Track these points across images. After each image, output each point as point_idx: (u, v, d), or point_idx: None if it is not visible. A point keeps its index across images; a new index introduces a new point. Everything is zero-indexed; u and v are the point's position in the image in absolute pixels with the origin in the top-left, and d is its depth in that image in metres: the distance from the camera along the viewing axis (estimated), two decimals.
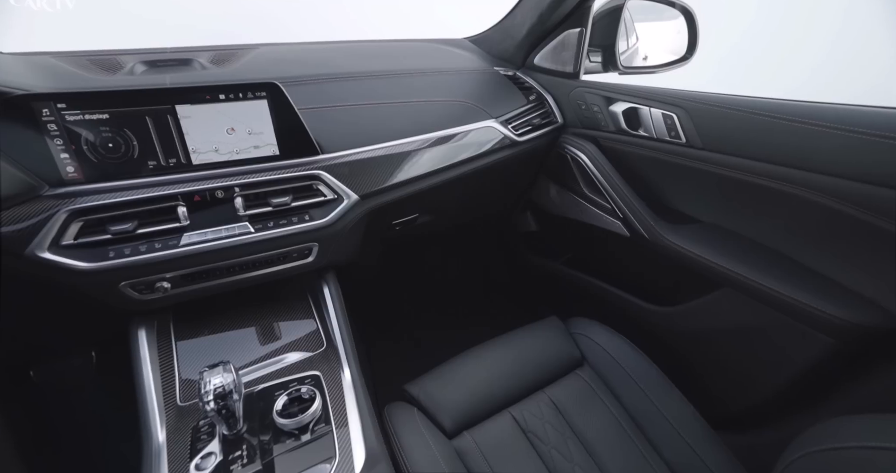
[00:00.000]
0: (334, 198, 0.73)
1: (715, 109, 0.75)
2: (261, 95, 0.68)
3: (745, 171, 0.73)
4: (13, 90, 0.56)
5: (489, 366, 0.78)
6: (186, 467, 0.53)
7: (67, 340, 0.88)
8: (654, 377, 0.80)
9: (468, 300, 1.59)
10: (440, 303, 1.55)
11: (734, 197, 0.81)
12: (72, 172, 0.59)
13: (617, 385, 0.79)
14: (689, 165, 0.81)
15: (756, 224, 0.81)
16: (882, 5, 0.81)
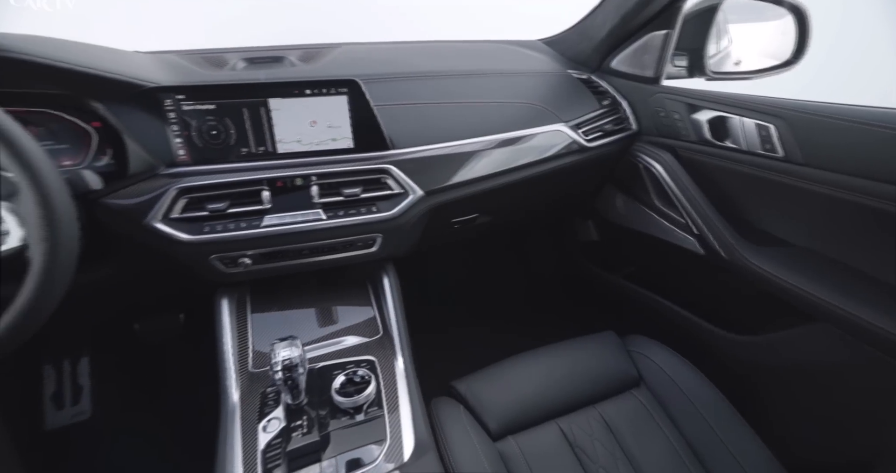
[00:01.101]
0: (401, 192, 0.75)
1: (823, 120, 0.67)
2: (341, 91, 0.72)
3: (858, 192, 0.64)
4: (146, 83, 0.65)
5: (539, 374, 0.76)
6: (255, 427, 0.58)
7: (164, 302, 1.02)
8: (722, 408, 0.73)
9: (515, 302, 1.57)
10: (485, 302, 1.54)
11: (840, 221, 0.71)
12: (182, 155, 0.67)
13: (677, 411, 0.73)
14: (785, 182, 0.73)
15: (866, 253, 0.71)
16: None
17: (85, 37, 0.93)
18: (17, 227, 0.45)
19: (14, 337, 0.45)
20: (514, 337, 0.93)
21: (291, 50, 0.99)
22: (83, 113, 0.66)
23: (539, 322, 1.44)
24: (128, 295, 0.81)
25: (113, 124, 0.64)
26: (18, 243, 0.45)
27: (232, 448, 0.57)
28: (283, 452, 0.56)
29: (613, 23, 0.97)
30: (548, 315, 1.49)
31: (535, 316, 1.49)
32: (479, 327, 1.40)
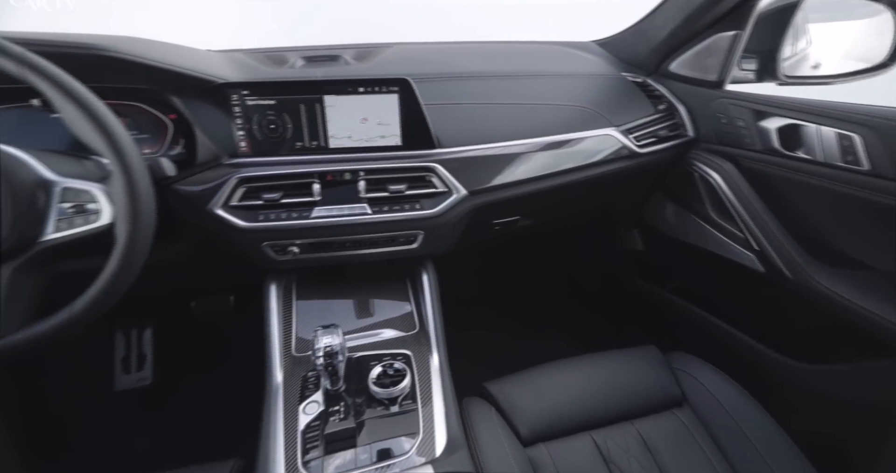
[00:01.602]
0: (444, 191, 0.76)
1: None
2: (393, 90, 0.74)
3: None
4: (216, 79, 0.70)
5: (575, 383, 0.74)
6: (296, 408, 0.61)
7: (217, 285, 1.10)
8: (775, 437, 0.67)
9: (550, 307, 1.53)
10: (520, 305, 1.52)
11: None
12: (243, 146, 0.71)
13: (723, 436, 0.69)
14: (870, 199, 0.66)
15: None
16: None
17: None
18: (107, 207, 0.50)
19: (103, 302, 0.50)
20: (547, 342, 0.90)
21: (346, 49, 1.03)
22: (162, 106, 0.72)
23: (574, 330, 1.40)
24: (188, 275, 0.88)
25: (186, 117, 0.70)
26: (108, 221, 0.50)
27: (275, 425, 0.60)
28: (321, 434, 0.58)
29: (675, 23, 0.92)
30: (583, 324, 1.44)
31: (570, 323, 1.45)
32: (512, 330, 1.39)
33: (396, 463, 0.56)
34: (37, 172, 0.50)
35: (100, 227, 0.50)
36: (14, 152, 0.49)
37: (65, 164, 0.54)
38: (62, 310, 0.50)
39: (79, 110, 0.48)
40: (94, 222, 0.50)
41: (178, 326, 1.19)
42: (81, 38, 0.63)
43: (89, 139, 0.50)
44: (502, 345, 1.31)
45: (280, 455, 0.56)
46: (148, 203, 0.52)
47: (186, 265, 0.79)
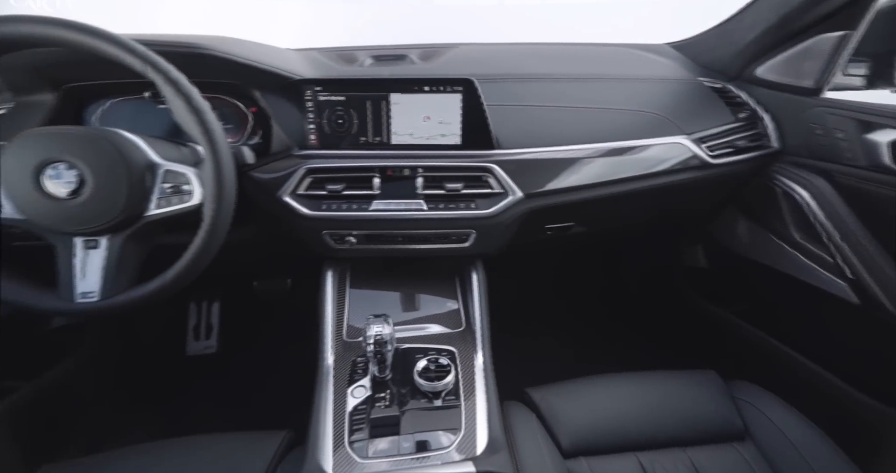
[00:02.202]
0: (501, 192, 0.76)
1: None
2: (456, 90, 0.75)
3: None
4: (293, 75, 0.75)
5: (624, 399, 0.70)
6: (345, 391, 0.64)
7: (278, 267, 1.18)
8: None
9: (599, 318, 1.47)
10: (567, 313, 1.47)
11: None
12: (312, 139, 0.76)
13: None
14: None
15: None
16: None
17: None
18: (198, 188, 0.56)
19: (189, 273, 0.56)
20: (593, 354, 0.87)
21: (412, 49, 1.05)
22: (245, 99, 0.78)
23: (623, 344, 1.33)
24: (253, 257, 0.96)
25: (265, 110, 0.76)
26: (198, 201, 0.56)
27: (326, 404, 0.63)
28: (366, 418, 0.60)
29: (767, 24, 0.84)
30: (633, 338, 1.36)
31: (618, 337, 1.38)
32: (557, 337, 1.35)
33: (436, 456, 0.57)
34: (147, 156, 0.56)
35: (191, 206, 0.56)
36: (132, 138, 0.56)
37: (167, 149, 0.60)
38: (156, 278, 0.56)
39: (185, 103, 0.54)
40: (187, 201, 0.56)
41: (242, 302, 1.29)
42: (187, 38, 0.70)
43: (189, 128, 0.55)
44: (545, 352, 1.28)
45: (329, 433, 0.59)
46: (231, 187, 0.57)
47: (253, 248, 0.85)
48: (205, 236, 0.55)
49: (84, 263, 0.55)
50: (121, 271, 0.56)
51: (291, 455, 0.61)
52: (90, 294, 0.55)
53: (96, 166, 0.53)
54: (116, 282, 0.56)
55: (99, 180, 0.53)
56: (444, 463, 0.56)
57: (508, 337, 0.90)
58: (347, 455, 0.57)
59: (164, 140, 0.63)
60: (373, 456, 0.57)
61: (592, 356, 0.92)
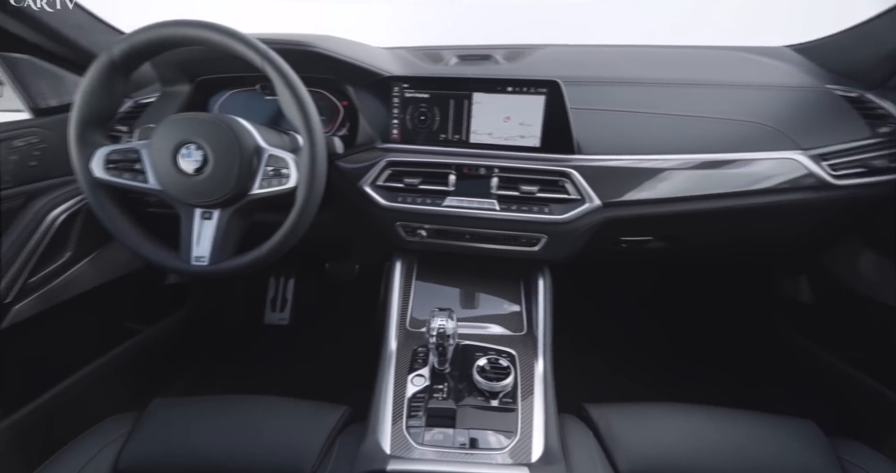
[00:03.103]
0: (577, 199, 0.73)
1: None
2: (541, 91, 0.73)
3: None
4: (383, 72, 0.79)
5: (698, 435, 0.63)
6: (405, 377, 0.67)
7: (349, 252, 1.27)
8: None
9: (672, 342, 1.35)
10: (637, 333, 1.37)
11: None
12: (395, 133, 0.79)
13: None
14: None
15: None
16: None
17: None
18: (295, 173, 0.62)
19: (280, 249, 0.63)
20: (665, 380, 0.80)
21: (498, 49, 1.05)
22: (337, 93, 0.84)
23: (700, 374, 1.21)
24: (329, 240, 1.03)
25: (355, 104, 0.81)
26: (293, 185, 0.62)
27: (387, 388, 0.66)
28: (424, 407, 0.62)
29: None
30: (711, 369, 1.23)
31: (696, 366, 1.26)
32: (623, 356, 1.27)
33: (490, 456, 0.57)
34: (256, 141, 0.63)
35: (287, 189, 0.62)
36: (246, 124, 0.64)
37: (271, 136, 0.67)
38: (253, 251, 0.63)
39: (292, 96, 0.60)
40: (285, 184, 0.62)
41: (314, 281, 1.41)
42: (297, 37, 0.77)
43: (293, 118, 0.61)
44: (608, 369, 1.21)
45: (388, 415, 0.62)
46: (322, 174, 0.62)
47: (330, 232, 0.92)
48: (296, 216, 0.61)
49: (200, 231, 0.64)
50: (226, 242, 0.64)
51: (349, 430, 0.64)
52: (202, 259, 0.63)
53: (217, 148, 0.61)
54: (223, 250, 0.64)
55: (218, 160, 0.61)
56: (497, 465, 0.56)
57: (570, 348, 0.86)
58: (404, 439, 0.59)
59: (269, 128, 0.70)
60: (427, 444, 0.59)
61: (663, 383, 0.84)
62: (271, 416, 0.65)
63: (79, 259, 0.80)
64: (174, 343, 1.14)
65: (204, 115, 0.65)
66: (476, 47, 1.11)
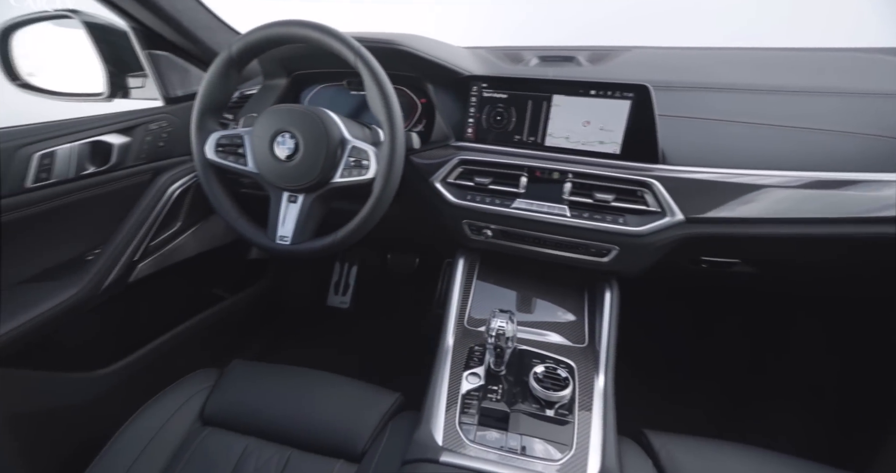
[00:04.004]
0: (657, 211, 0.68)
1: None
2: (626, 96, 0.70)
3: None
4: (464, 71, 0.80)
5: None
6: (460, 373, 0.68)
7: (411, 246, 1.31)
8: None
9: (755, 379, 1.20)
10: (711, 360, 1.24)
11: None
12: (469, 132, 0.80)
13: None
14: None
15: None
16: None
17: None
18: (374, 165, 0.65)
19: (355, 235, 0.67)
20: (738, 413, 0.71)
21: (581, 51, 1.02)
22: (417, 91, 0.87)
23: (790, 418, 1.08)
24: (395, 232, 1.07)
25: (433, 101, 0.83)
26: (372, 176, 0.65)
27: (442, 381, 0.68)
28: (477, 405, 0.63)
29: None
30: (804, 414, 1.09)
31: (787, 409, 1.12)
32: (688, 383, 1.17)
33: (542, 465, 0.56)
34: (342, 132, 0.68)
35: (366, 179, 0.66)
36: (334, 117, 0.69)
37: (355, 129, 0.72)
38: (329, 235, 0.68)
39: (379, 92, 0.64)
40: (364, 175, 0.66)
41: (375, 270, 1.48)
42: (385, 35, 0.81)
43: (377, 113, 0.65)
44: (668, 394, 1.12)
45: (443, 408, 0.63)
46: (400, 167, 0.65)
47: (397, 224, 0.96)
48: (371, 206, 0.65)
49: (285, 213, 0.70)
50: (307, 224, 0.70)
51: (400, 416, 0.67)
52: (285, 238, 0.69)
53: (308, 137, 0.66)
54: (303, 232, 0.69)
55: (307, 149, 0.66)
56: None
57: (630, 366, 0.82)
58: (456, 433, 0.60)
59: (354, 121, 0.75)
60: (478, 442, 0.59)
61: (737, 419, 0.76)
62: (332, 392, 0.69)
63: (185, 229, 0.92)
64: (250, 312, 1.26)
65: (299, 106, 0.71)
66: (558, 48, 1.09)
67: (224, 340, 1.18)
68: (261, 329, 1.35)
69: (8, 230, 0.67)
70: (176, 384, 0.72)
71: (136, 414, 0.66)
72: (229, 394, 0.69)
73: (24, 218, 0.68)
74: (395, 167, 0.64)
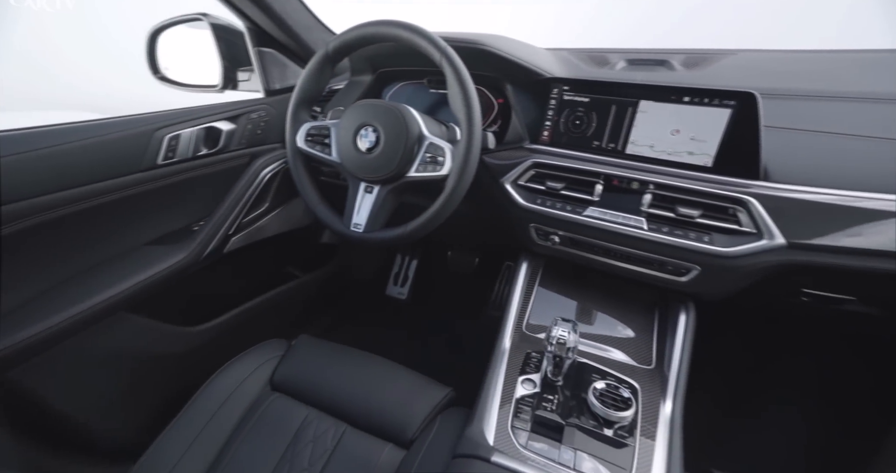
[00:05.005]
0: (752, 232, 0.62)
1: None
2: (728, 104, 0.64)
3: None
4: (545, 73, 0.78)
5: None
6: (515, 377, 0.68)
7: (473, 245, 1.32)
8: None
9: (856, 426, 1.04)
10: (786, 397, 1.09)
11: None
12: (545, 135, 0.78)
13: None
14: None
15: None
16: None
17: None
18: (449, 162, 0.67)
19: (424, 229, 0.69)
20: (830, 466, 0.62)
21: (676, 54, 0.95)
22: (495, 91, 0.87)
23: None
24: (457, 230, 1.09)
25: (511, 102, 0.82)
26: (445, 173, 0.67)
27: (497, 382, 0.68)
28: (531, 412, 0.62)
29: None
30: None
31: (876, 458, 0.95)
32: (767, 421, 1.04)
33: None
34: (421, 129, 0.70)
35: (439, 176, 0.67)
36: (415, 113, 0.71)
37: (433, 126, 0.74)
38: (399, 227, 0.71)
39: (461, 91, 0.65)
40: (438, 171, 0.67)
41: (434, 265, 1.52)
42: (470, 35, 0.82)
43: (457, 111, 0.66)
44: (742, 432, 1.01)
45: (495, 409, 0.63)
46: (474, 165, 0.66)
47: (463, 222, 0.97)
48: (443, 202, 0.66)
49: (361, 202, 0.75)
50: (379, 215, 0.73)
51: (450, 411, 0.68)
52: (359, 226, 0.74)
53: (389, 132, 0.69)
54: (375, 221, 0.73)
55: (388, 142, 0.69)
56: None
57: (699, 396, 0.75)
58: (508, 436, 0.60)
59: (432, 118, 0.77)
60: (531, 449, 0.58)
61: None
62: (389, 378, 0.72)
63: (271, 210, 1.02)
64: (317, 292, 1.36)
65: (384, 102, 0.74)
66: (649, 51, 1.02)
67: (292, 315, 1.28)
68: (325, 309, 1.45)
69: (141, 200, 0.79)
70: (251, 349, 0.80)
71: (217, 373, 0.75)
72: (296, 365, 0.75)
73: (153, 190, 0.79)
74: (469, 166, 0.65)
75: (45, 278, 0.70)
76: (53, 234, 0.69)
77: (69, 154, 0.66)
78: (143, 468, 0.61)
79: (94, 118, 0.71)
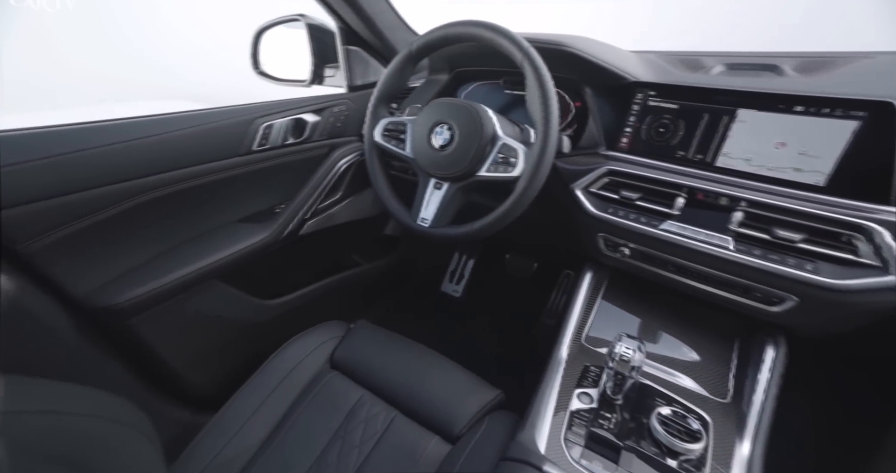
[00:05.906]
0: (873, 265, 0.53)
1: None
2: (855, 115, 0.55)
3: None
4: (629, 77, 0.74)
5: None
6: (570, 389, 0.66)
7: (532, 250, 1.29)
8: None
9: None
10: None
11: None
12: (624, 142, 0.74)
13: None
14: None
15: None
16: None
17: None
18: (521, 164, 0.66)
19: (490, 228, 0.69)
20: None
21: (788, 58, 0.84)
22: (572, 93, 0.84)
23: None
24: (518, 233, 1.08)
25: (589, 106, 0.79)
26: (517, 174, 0.66)
27: (552, 391, 0.66)
28: (587, 427, 0.60)
29: None
30: None
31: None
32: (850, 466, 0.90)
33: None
34: (495, 129, 0.70)
35: (510, 177, 0.66)
36: (490, 113, 0.71)
37: (507, 126, 0.73)
38: (466, 225, 0.71)
39: (540, 93, 0.63)
40: (509, 172, 0.66)
41: (491, 266, 1.51)
42: (552, 36, 0.80)
43: (534, 112, 0.65)
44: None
45: (549, 418, 0.62)
46: (547, 169, 0.64)
47: (528, 225, 0.96)
48: (511, 203, 0.66)
49: (430, 198, 0.76)
50: (447, 211, 0.74)
51: (497, 413, 0.68)
52: (425, 220, 0.75)
53: (463, 130, 0.70)
54: (442, 217, 0.74)
55: (461, 141, 0.70)
56: None
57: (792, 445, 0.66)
58: (560, 447, 0.58)
59: (507, 119, 0.76)
60: (583, 466, 0.56)
61: None
62: (441, 372, 0.74)
63: (343, 199, 1.09)
64: (376, 281, 1.42)
65: (459, 101, 0.75)
66: (756, 55, 0.91)
67: (351, 300, 1.36)
68: (382, 298, 1.51)
69: (236, 182, 0.88)
70: (314, 328, 0.86)
71: (284, 346, 0.81)
72: (355, 347, 0.79)
73: (246, 174, 0.88)
74: (541, 169, 0.64)
75: (162, 244, 0.82)
76: (168, 206, 0.79)
77: (183, 138, 0.75)
78: (217, 425, 0.68)
79: (202, 108, 0.81)
